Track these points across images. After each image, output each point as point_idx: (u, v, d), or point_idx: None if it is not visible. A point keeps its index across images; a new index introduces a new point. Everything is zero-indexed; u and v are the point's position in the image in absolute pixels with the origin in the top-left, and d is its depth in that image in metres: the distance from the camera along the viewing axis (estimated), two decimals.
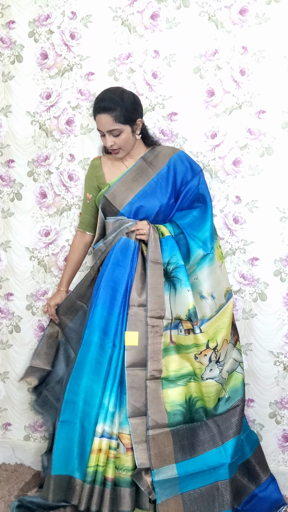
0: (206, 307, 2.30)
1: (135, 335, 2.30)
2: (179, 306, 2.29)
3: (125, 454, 2.26)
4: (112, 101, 2.27)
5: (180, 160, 2.40)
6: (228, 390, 2.35)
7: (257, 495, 2.42)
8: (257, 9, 2.46)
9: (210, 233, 2.34)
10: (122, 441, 2.27)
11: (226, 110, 2.54)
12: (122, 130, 2.31)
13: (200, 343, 2.27)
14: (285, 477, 2.62)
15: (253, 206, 2.57)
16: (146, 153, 2.43)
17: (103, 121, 2.28)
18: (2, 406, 2.89)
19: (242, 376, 2.38)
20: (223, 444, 2.28)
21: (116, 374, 2.27)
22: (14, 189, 2.77)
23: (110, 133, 2.31)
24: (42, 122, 2.70)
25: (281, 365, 2.61)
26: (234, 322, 2.44)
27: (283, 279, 2.57)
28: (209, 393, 2.30)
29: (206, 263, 2.32)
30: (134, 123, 2.34)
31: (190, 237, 2.32)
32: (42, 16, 2.64)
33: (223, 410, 2.32)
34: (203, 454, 2.28)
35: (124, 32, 2.58)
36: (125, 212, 2.39)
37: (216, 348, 2.29)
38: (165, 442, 2.25)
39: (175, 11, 2.53)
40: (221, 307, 2.34)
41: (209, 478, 2.26)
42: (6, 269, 2.82)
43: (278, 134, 2.51)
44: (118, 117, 2.27)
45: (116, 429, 2.26)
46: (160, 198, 2.38)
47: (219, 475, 2.26)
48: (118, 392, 2.27)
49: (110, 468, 2.24)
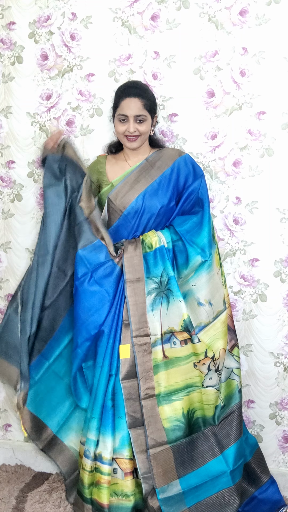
0: (203, 314, 2.29)
1: (127, 348, 2.29)
2: (173, 318, 2.28)
3: (124, 479, 2.26)
4: (142, 88, 2.35)
5: (185, 163, 2.40)
6: (223, 398, 2.34)
7: (256, 497, 2.42)
8: (257, 10, 2.46)
9: (208, 239, 2.33)
10: (120, 466, 2.26)
11: (226, 111, 2.54)
12: (146, 118, 2.34)
13: (199, 352, 2.27)
14: (285, 478, 2.62)
15: (253, 207, 2.57)
16: (151, 154, 2.44)
17: (132, 105, 2.31)
18: (2, 407, 2.89)
19: (236, 382, 2.36)
20: (222, 453, 2.28)
21: (106, 399, 2.28)
22: (14, 190, 2.77)
23: (136, 118, 2.32)
24: (42, 123, 2.70)
25: (281, 366, 2.61)
26: (234, 327, 2.43)
27: (283, 280, 2.57)
28: (209, 401, 2.29)
29: (205, 269, 2.30)
30: (155, 114, 2.40)
31: (188, 244, 2.32)
32: (42, 17, 2.64)
33: (219, 418, 2.31)
34: (204, 465, 2.27)
35: (124, 33, 2.58)
36: (128, 214, 2.39)
37: (214, 358, 2.28)
38: (166, 459, 2.24)
39: (175, 12, 2.53)
40: (219, 314, 2.32)
41: (213, 488, 2.26)
42: (6, 270, 2.82)
43: (278, 135, 2.51)
44: (147, 104, 2.33)
45: (108, 454, 2.25)
46: (161, 199, 2.38)
47: (223, 483, 2.26)
48: (110, 417, 2.27)
49: (104, 495, 2.25)
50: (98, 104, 2.64)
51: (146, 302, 2.29)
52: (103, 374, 2.29)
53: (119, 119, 2.34)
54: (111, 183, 2.43)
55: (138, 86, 2.37)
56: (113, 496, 2.27)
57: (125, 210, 2.39)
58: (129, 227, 2.43)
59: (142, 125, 2.33)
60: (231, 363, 2.38)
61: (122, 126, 2.35)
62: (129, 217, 2.40)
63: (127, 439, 2.26)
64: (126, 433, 2.26)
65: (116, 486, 2.27)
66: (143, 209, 2.38)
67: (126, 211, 2.39)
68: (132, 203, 2.38)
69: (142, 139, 2.37)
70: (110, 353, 2.30)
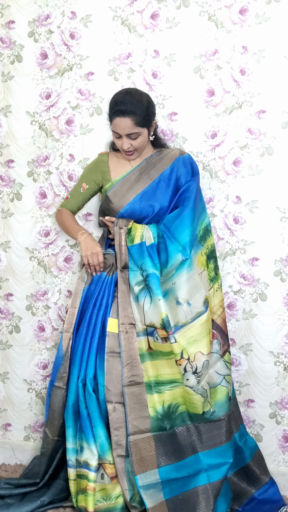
0: (181, 314, 2.28)
1: (115, 322, 2.33)
2: (153, 314, 2.29)
3: (110, 484, 2.27)
4: (132, 104, 2.26)
5: (184, 162, 2.40)
6: (213, 404, 2.31)
7: (256, 498, 2.41)
8: (257, 8, 2.46)
9: (190, 238, 2.32)
10: (105, 471, 2.27)
11: (226, 110, 2.54)
12: (140, 133, 2.31)
13: (175, 352, 2.27)
14: (285, 477, 2.62)
15: (253, 206, 2.57)
16: (152, 154, 2.43)
17: (123, 124, 2.27)
18: (2, 407, 2.89)
19: (227, 390, 2.32)
20: (204, 452, 2.28)
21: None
22: (14, 189, 2.77)
23: (129, 136, 2.30)
24: (42, 122, 2.70)
25: (281, 366, 2.61)
26: (226, 331, 2.41)
27: (283, 279, 2.57)
28: (191, 399, 2.29)
29: (185, 268, 2.30)
30: (151, 125, 2.35)
31: (170, 241, 2.32)
32: (42, 16, 2.64)
33: (206, 420, 2.30)
34: (183, 460, 2.28)
35: (124, 32, 2.58)
36: (124, 213, 2.39)
37: (189, 359, 2.27)
38: (147, 447, 2.25)
39: (175, 10, 2.53)
40: (199, 315, 2.30)
41: (189, 484, 2.25)
42: (6, 270, 2.81)
43: (278, 134, 2.51)
44: (138, 121, 2.27)
45: (94, 461, 2.25)
46: (160, 200, 2.38)
47: (198, 480, 2.25)
48: (88, 425, 2.28)
49: (90, 502, 2.25)
50: (97, 103, 2.63)
51: (130, 292, 2.33)
52: (73, 383, 2.33)
53: (114, 135, 2.35)
54: (111, 181, 2.43)
55: (128, 102, 2.27)
56: (101, 502, 2.27)
57: (122, 209, 2.39)
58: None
59: (136, 140, 2.32)
60: (222, 369, 2.34)
61: (118, 141, 2.35)
62: (126, 217, 2.40)
63: (105, 445, 2.27)
64: (104, 439, 2.27)
65: (104, 491, 2.28)
66: (140, 210, 2.38)
67: (122, 210, 2.39)
68: (129, 203, 2.38)
69: (139, 151, 2.38)
70: (79, 361, 2.34)
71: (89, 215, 2.70)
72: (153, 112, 2.36)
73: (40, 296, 2.79)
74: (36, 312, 2.80)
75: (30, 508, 2.34)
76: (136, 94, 2.32)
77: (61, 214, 2.57)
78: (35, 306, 2.80)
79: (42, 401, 2.82)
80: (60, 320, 2.77)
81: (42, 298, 2.78)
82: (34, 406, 2.84)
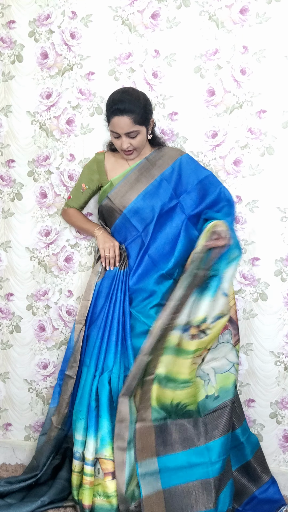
0: (225, 305, 2.32)
1: None
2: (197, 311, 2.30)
3: (103, 479, 2.27)
4: (130, 102, 2.27)
5: (187, 162, 2.41)
6: (218, 389, 2.33)
7: (257, 497, 2.42)
8: (258, 8, 2.46)
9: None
10: (101, 466, 2.28)
11: (227, 110, 2.54)
12: (139, 132, 2.31)
13: (208, 346, 2.31)
14: (285, 477, 2.62)
15: (254, 206, 2.57)
16: (151, 153, 2.44)
17: (122, 123, 2.27)
18: (2, 406, 2.89)
19: (234, 377, 2.35)
20: (206, 444, 2.28)
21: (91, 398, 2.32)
22: (14, 189, 2.77)
23: (128, 135, 2.30)
24: (42, 122, 2.70)
25: (282, 365, 2.61)
26: (237, 321, 2.44)
27: (283, 279, 2.57)
28: (195, 393, 2.31)
29: (236, 263, 2.36)
30: (149, 123, 2.36)
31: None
32: (42, 16, 2.64)
33: (210, 408, 2.31)
34: (184, 451, 2.28)
35: (125, 32, 2.58)
36: (127, 213, 2.39)
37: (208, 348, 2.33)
38: (148, 435, 2.26)
39: (176, 10, 2.53)
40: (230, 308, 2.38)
41: (191, 475, 2.25)
42: (7, 269, 2.82)
43: (279, 134, 2.51)
44: (137, 119, 2.27)
45: (90, 454, 2.27)
46: (163, 198, 2.39)
47: (200, 474, 2.24)
48: (94, 417, 2.29)
49: (86, 495, 2.27)
50: (98, 103, 2.63)
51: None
52: (89, 374, 2.33)
53: (113, 135, 2.35)
54: (110, 181, 2.43)
55: (126, 100, 2.28)
56: (96, 497, 2.28)
57: (125, 210, 2.39)
58: (129, 227, 2.43)
59: (136, 139, 2.32)
60: (233, 357, 2.38)
61: (116, 141, 2.35)
62: (129, 217, 2.40)
63: (106, 438, 2.27)
64: (106, 432, 2.27)
65: (99, 486, 2.29)
66: (143, 209, 2.38)
67: (126, 210, 2.39)
68: (132, 202, 2.38)
69: (138, 150, 2.38)
70: (97, 353, 2.34)
71: (89, 215, 2.70)
72: (150, 110, 2.37)
73: (41, 296, 2.79)
74: (37, 312, 2.80)
75: (30, 508, 2.34)
76: (133, 93, 2.33)
77: (68, 214, 2.60)
78: (35, 306, 2.80)
79: (43, 401, 2.82)
80: (60, 319, 2.77)
81: (43, 298, 2.79)
82: (34, 406, 2.84)
